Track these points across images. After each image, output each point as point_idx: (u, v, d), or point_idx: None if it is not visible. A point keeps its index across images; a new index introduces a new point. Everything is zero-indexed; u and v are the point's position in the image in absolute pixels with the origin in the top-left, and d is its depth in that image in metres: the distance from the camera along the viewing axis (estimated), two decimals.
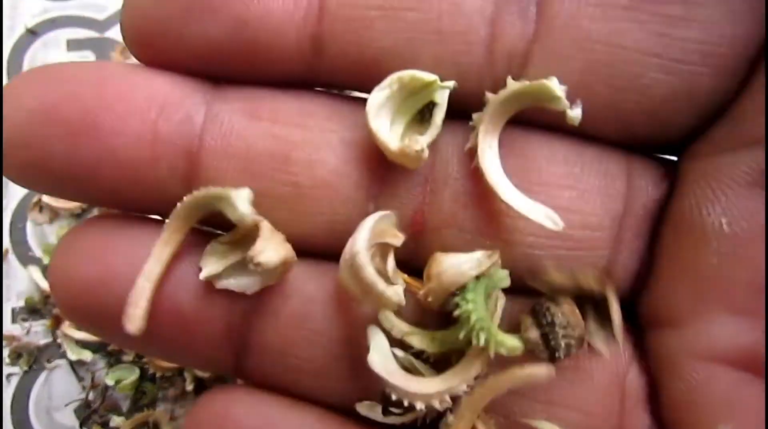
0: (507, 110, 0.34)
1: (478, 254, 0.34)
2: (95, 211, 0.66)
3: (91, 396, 0.62)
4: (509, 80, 0.33)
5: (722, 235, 0.31)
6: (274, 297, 0.36)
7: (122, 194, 0.35)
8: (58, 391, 0.62)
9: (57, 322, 0.63)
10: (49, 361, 0.63)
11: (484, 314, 0.32)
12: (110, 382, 0.61)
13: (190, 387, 0.62)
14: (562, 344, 0.33)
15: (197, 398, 0.61)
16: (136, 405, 0.62)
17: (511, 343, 0.33)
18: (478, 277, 0.33)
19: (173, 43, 0.34)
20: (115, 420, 0.61)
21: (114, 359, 0.63)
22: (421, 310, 0.36)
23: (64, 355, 0.63)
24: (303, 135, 0.35)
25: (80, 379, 0.63)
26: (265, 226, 0.33)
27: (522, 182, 0.34)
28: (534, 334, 0.33)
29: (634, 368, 0.35)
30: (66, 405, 0.62)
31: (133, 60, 0.66)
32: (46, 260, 0.64)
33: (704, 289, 0.32)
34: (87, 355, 0.62)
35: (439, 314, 0.36)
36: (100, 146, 0.33)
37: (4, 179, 0.65)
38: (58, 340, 0.63)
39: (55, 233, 0.66)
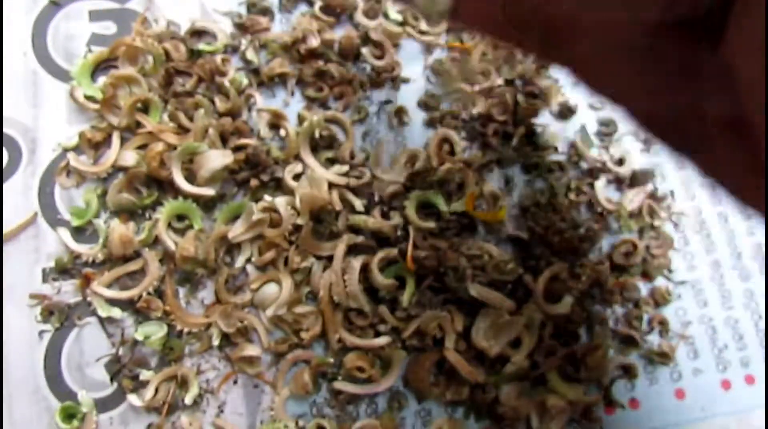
0: None
1: None
2: (121, 176, 0.68)
3: (120, 351, 0.64)
4: None
5: None
6: None
7: None
8: (88, 347, 0.64)
9: (87, 282, 0.64)
10: (79, 319, 0.65)
11: None
12: (139, 337, 0.63)
13: (216, 342, 0.64)
14: None
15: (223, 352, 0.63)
16: (164, 360, 0.64)
17: None
18: None
19: None
20: (145, 374, 0.63)
21: (142, 316, 0.65)
22: None
23: (94, 313, 0.64)
24: None
25: (110, 335, 0.64)
26: None
27: None
28: None
29: None
30: (97, 360, 0.64)
31: (154, 29, 0.68)
32: (74, 222, 0.66)
33: None
34: (116, 313, 0.64)
35: None
36: None
37: (33, 145, 0.67)
38: (88, 299, 0.65)
39: (82, 197, 0.67)
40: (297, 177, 0.69)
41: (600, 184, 0.74)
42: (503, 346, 0.64)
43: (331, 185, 0.68)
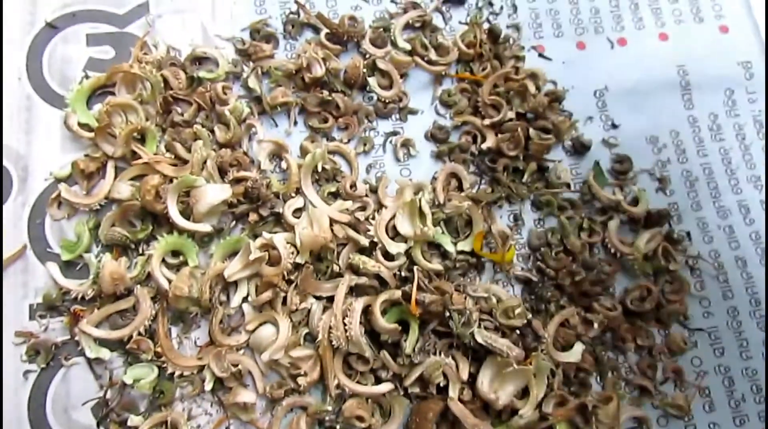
0: None
1: None
2: (114, 207, 0.65)
3: (108, 394, 0.61)
4: None
5: None
6: None
7: None
8: (75, 389, 0.61)
9: (75, 319, 0.62)
10: (66, 359, 0.62)
11: None
12: (128, 380, 0.61)
13: (209, 386, 0.61)
14: None
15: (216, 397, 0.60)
16: (154, 404, 0.61)
17: None
18: None
19: None
20: (133, 419, 0.60)
21: (132, 358, 0.62)
22: None
23: (82, 353, 0.62)
24: None
25: (98, 377, 0.62)
26: None
27: None
28: None
29: None
30: (83, 403, 0.61)
31: (153, 55, 0.65)
32: (64, 256, 0.64)
33: None
34: (105, 354, 0.61)
35: None
36: None
37: (24, 174, 0.64)
38: (76, 338, 0.62)
39: (74, 229, 0.65)
40: (298, 212, 0.66)
41: (613, 224, 0.71)
42: (510, 397, 0.61)
43: (333, 221, 0.65)
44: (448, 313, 0.62)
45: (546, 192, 0.72)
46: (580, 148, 0.75)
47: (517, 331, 0.64)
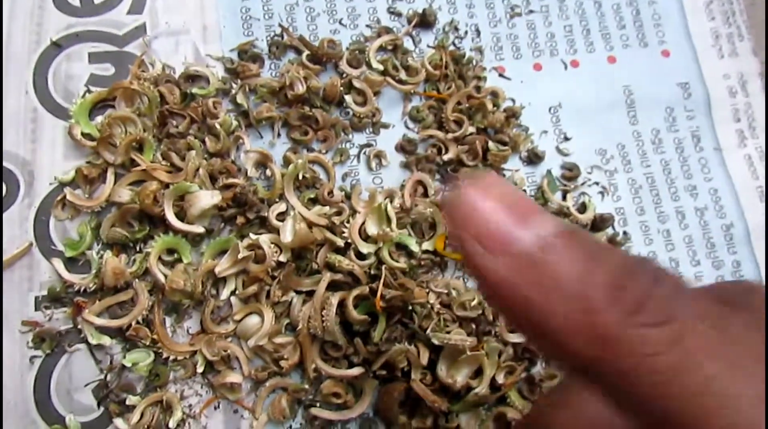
0: None
1: None
2: (114, 210, 0.72)
3: (108, 377, 0.68)
4: None
5: None
6: None
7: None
8: (77, 372, 0.68)
9: (78, 310, 0.68)
10: (69, 345, 0.68)
11: None
12: (127, 364, 0.67)
13: (200, 369, 0.68)
14: None
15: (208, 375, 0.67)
16: (150, 385, 0.68)
17: None
18: None
19: None
20: (131, 399, 0.66)
21: (130, 344, 0.69)
22: None
23: (84, 340, 0.68)
24: None
25: (98, 361, 0.68)
26: None
27: None
28: None
29: None
30: (85, 385, 0.67)
31: (150, 73, 0.72)
32: (68, 253, 0.70)
33: None
34: (105, 340, 0.68)
35: None
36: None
37: (30, 178, 0.71)
38: (79, 327, 0.68)
39: (77, 229, 0.71)
40: (281, 215, 0.73)
41: None
42: (465, 379, 0.69)
43: (311, 224, 0.72)
44: (410, 307, 0.70)
45: None
46: (534, 159, 0.83)
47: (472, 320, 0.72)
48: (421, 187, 0.79)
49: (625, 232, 0.82)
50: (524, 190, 0.81)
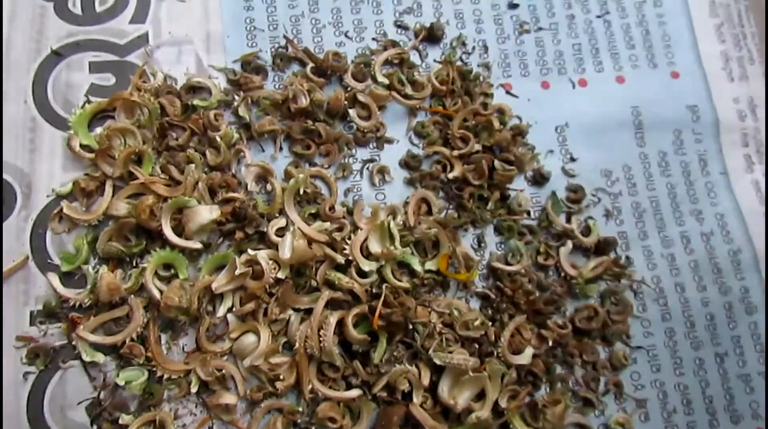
0: None
1: None
2: (111, 223, 0.71)
3: (102, 395, 0.66)
4: None
5: None
6: None
7: None
8: (71, 389, 0.66)
9: (73, 326, 0.67)
10: (63, 362, 0.67)
11: None
12: (120, 382, 0.65)
13: (194, 388, 0.67)
14: None
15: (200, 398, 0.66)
16: (144, 404, 0.66)
17: None
18: None
19: None
20: (124, 418, 0.65)
21: (124, 361, 0.67)
22: None
23: (78, 357, 0.67)
24: None
25: (92, 379, 0.67)
26: None
27: None
28: None
29: None
30: (78, 403, 0.66)
31: (151, 83, 0.71)
32: (64, 267, 0.69)
33: None
34: (100, 357, 0.66)
35: None
36: None
37: (27, 190, 0.70)
38: (73, 343, 0.67)
39: (73, 242, 0.70)
40: (280, 231, 0.72)
41: (564, 250, 0.78)
42: (467, 401, 0.67)
43: (311, 240, 0.71)
44: (411, 326, 0.69)
45: (508, 218, 0.79)
46: (540, 179, 0.81)
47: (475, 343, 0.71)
48: (425, 205, 0.78)
49: (627, 257, 0.80)
50: (528, 212, 0.80)
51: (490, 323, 0.72)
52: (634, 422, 0.73)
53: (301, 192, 0.74)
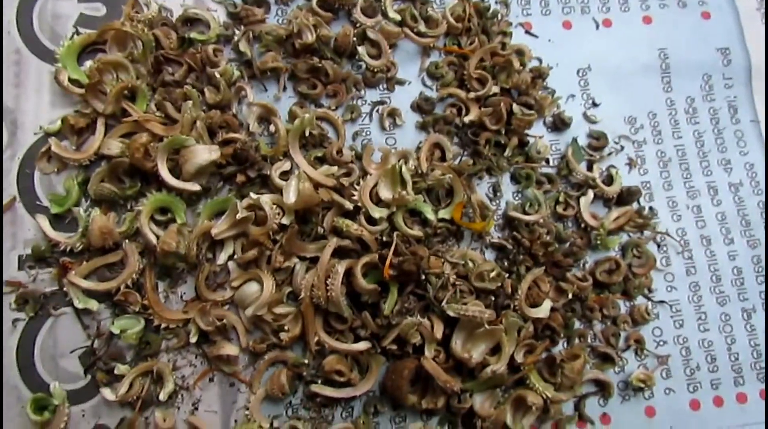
0: None
1: None
2: (103, 164, 0.66)
3: (96, 344, 0.63)
4: None
5: None
6: None
7: None
8: (63, 338, 0.63)
9: (63, 271, 0.63)
10: (55, 309, 0.63)
11: None
12: (115, 331, 0.62)
13: (193, 339, 0.63)
14: None
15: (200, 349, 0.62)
16: (140, 354, 0.63)
17: None
18: None
19: None
20: (120, 368, 0.62)
21: (119, 309, 0.64)
22: None
23: (70, 304, 0.63)
24: None
25: (85, 327, 0.63)
26: None
27: None
28: None
29: None
30: (71, 352, 0.63)
31: (145, 14, 0.66)
32: (53, 209, 0.65)
33: None
34: (93, 304, 0.63)
35: None
36: None
37: (13, 127, 0.65)
38: (64, 289, 0.63)
39: (63, 183, 0.66)
40: (284, 174, 0.68)
41: (585, 200, 0.73)
42: (482, 355, 0.64)
43: (318, 185, 0.66)
44: (424, 277, 0.65)
45: (525, 166, 0.74)
46: (560, 125, 0.77)
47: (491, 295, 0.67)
48: (438, 151, 0.73)
49: (651, 208, 0.76)
50: (547, 160, 0.75)
51: (506, 275, 0.68)
52: (656, 379, 0.70)
53: (307, 134, 0.69)
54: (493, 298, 0.67)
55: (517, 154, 0.75)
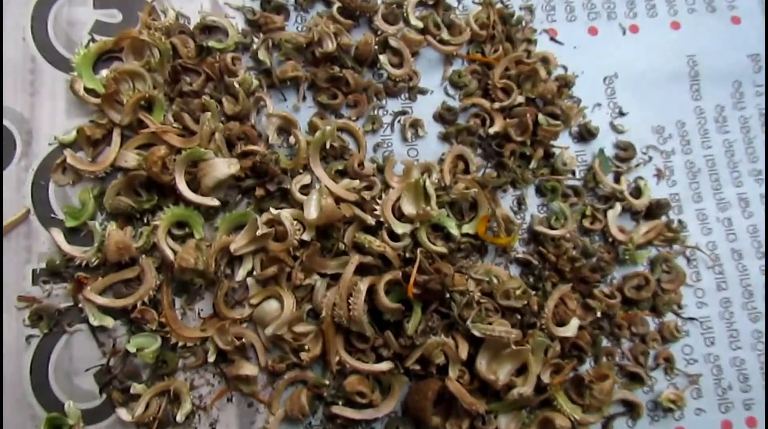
0: None
1: None
2: (120, 176, 0.65)
3: (111, 362, 0.61)
4: None
5: None
6: None
7: None
8: (78, 355, 0.62)
9: (79, 286, 0.62)
10: (69, 325, 0.62)
11: None
12: (131, 349, 0.61)
13: (211, 357, 0.62)
14: None
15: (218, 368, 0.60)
16: (156, 373, 0.62)
17: None
18: None
19: None
20: (136, 387, 0.60)
21: (136, 327, 0.62)
22: None
23: (85, 320, 0.62)
24: None
25: (101, 344, 0.62)
26: None
27: None
28: None
29: None
30: (86, 370, 0.61)
31: (162, 22, 0.64)
32: (68, 223, 0.63)
33: None
34: (108, 321, 0.61)
35: None
36: None
37: (28, 137, 0.63)
38: (80, 305, 0.62)
39: (78, 196, 0.64)
40: (305, 188, 0.66)
41: (613, 213, 0.71)
42: (508, 376, 0.62)
43: (339, 200, 0.64)
44: (448, 295, 0.62)
45: (551, 178, 0.72)
46: (586, 135, 0.74)
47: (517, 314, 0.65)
48: (462, 163, 0.71)
49: (680, 221, 0.74)
50: (573, 172, 0.73)
51: (532, 292, 0.66)
52: (686, 399, 0.68)
53: (328, 146, 0.67)
54: (519, 317, 0.65)
55: (543, 165, 0.73)
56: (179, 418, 0.60)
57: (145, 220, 0.64)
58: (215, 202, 0.62)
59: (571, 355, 0.67)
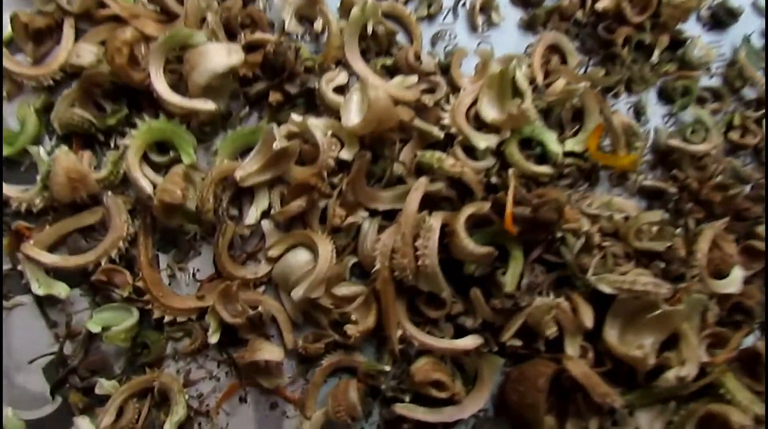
0: None
1: None
2: (74, 84, 0.50)
3: (67, 350, 0.47)
4: None
5: None
6: None
7: None
8: (19, 341, 0.49)
9: (17, 241, 0.47)
10: (6, 298, 0.48)
11: None
12: (95, 328, 0.47)
13: (214, 339, 0.47)
14: None
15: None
16: (134, 364, 0.48)
17: None
18: None
19: None
20: (103, 385, 0.46)
21: (101, 296, 0.48)
22: None
23: (28, 290, 0.48)
24: None
25: (51, 324, 0.49)
26: None
27: None
28: None
29: None
30: (30, 362, 0.47)
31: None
32: (3, 151, 0.50)
33: None
34: (61, 290, 0.48)
35: None
36: None
37: None
38: (19, 267, 0.48)
39: (16, 113, 0.50)
40: (339, 90, 0.50)
41: None
42: (656, 352, 0.45)
43: (395, 101, 0.48)
44: (560, 235, 0.47)
45: (681, 76, 0.56)
46: (724, 17, 0.59)
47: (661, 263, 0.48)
48: (556, 57, 0.55)
49: None
50: (709, 68, 0.57)
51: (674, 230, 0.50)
52: None
53: (369, 31, 0.51)
54: (662, 266, 0.48)
55: (668, 59, 0.57)
56: (169, 428, 0.45)
57: (112, 144, 0.49)
58: (210, 106, 0.47)
59: (733, 320, 0.51)
